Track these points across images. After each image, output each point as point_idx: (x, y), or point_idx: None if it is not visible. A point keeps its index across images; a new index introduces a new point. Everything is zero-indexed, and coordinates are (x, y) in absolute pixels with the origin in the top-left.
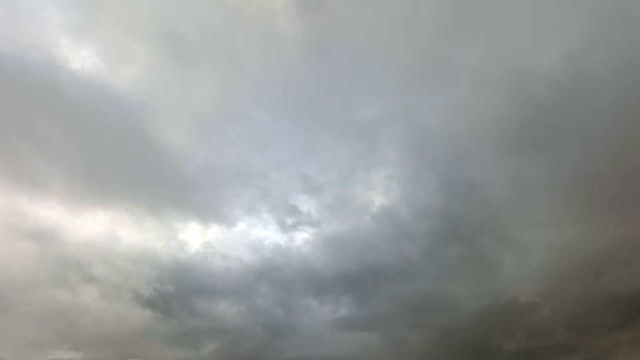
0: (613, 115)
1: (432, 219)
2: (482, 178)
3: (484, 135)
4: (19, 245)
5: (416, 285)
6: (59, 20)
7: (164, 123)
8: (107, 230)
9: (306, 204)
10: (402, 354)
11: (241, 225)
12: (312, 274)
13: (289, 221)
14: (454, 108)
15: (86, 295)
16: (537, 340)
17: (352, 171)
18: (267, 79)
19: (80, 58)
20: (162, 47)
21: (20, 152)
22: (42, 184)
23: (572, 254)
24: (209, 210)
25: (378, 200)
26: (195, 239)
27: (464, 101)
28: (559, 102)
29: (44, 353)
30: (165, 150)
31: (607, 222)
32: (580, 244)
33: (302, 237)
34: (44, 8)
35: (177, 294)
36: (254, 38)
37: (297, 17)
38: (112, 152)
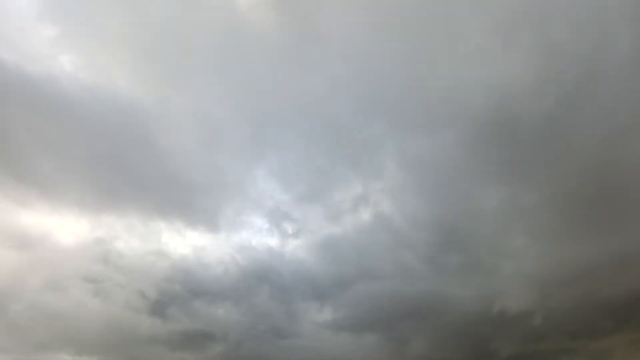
0: (599, 144)
1: (429, 228)
2: (478, 191)
3: (481, 158)
4: (20, 249)
5: (415, 290)
6: (62, 29)
7: (165, 127)
8: (108, 233)
9: (305, 211)
10: (401, 356)
11: (241, 230)
12: (311, 278)
13: (289, 227)
14: (452, 139)
15: (88, 299)
16: (534, 344)
17: (349, 180)
18: (266, 86)
19: (80, 63)
20: (166, 54)
21: (24, 156)
22: (47, 189)
23: (566, 262)
24: (208, 214)
25: (376, 207)
26: (193, 242)
27: (463, 131)
28: (549, 133)
29: (47, 356)
30: (168, 155)
31: (599, 233)
32: (574, 253)
33: (301, 243)
34: (45, 13)
35: (180, 297)
36: (249, 49)
37: (297, 24)
38: (114, 155)
